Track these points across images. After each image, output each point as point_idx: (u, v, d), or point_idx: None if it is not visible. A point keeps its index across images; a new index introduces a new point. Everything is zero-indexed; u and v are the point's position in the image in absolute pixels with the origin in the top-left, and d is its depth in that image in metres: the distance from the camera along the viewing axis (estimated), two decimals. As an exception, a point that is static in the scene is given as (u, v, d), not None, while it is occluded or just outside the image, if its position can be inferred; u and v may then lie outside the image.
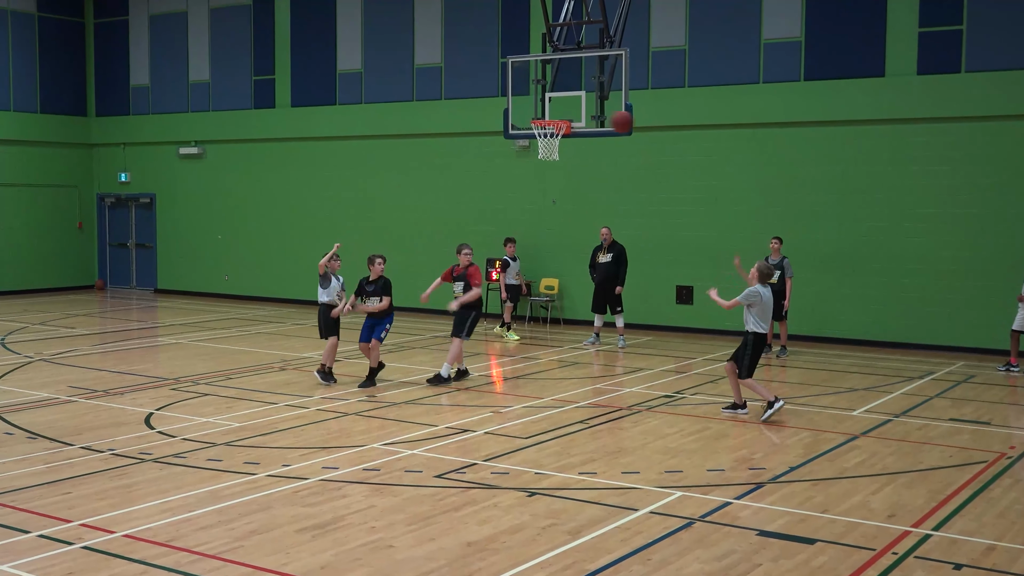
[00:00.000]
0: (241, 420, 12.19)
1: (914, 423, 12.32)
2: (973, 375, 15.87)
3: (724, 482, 9.68)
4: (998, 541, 8.00)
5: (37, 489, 9.21)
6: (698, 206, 20.19)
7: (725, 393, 14.16)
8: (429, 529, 8.17)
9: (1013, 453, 10.88)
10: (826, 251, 18.84)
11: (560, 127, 15.90)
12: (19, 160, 27.51)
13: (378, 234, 23.81)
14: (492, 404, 13.46)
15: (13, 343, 18.62)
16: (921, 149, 18.22)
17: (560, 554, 7.59)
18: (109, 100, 28.95)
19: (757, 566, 7.39)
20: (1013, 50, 17.44)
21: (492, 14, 22.40)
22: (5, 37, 27.12)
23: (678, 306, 20.50)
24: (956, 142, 17.94)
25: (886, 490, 9.43)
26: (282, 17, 25.49)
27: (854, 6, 18.69)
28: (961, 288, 17.86)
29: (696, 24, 20.17)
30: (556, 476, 9.83)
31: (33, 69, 27.83)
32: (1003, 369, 16.15)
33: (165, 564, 7.32)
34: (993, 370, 16.19)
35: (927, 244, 18.11)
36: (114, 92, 28.81)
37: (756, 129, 19.65)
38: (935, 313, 17.87)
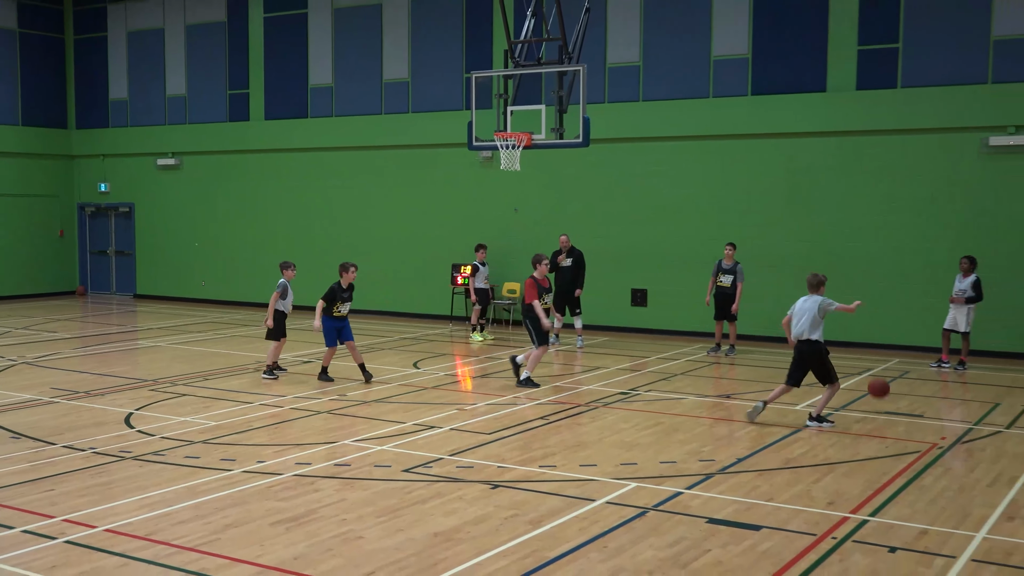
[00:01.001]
0: (217, 419, 12.15)
1: (853, 416, 12.47)
2: (907, 371, 16.07)
3: (676, 473, 9.77)
4: (930, 526, 8.13)
5: (20, 487, 9.14)
6: (652, 214, 20.30)
7: (677, 389, 14.29)
8: (397, 521, 8.19)
9: (944, 444, 11.05)
10: (773, 255, 19.00)
11: (521, 139, 15.98)
12: (1, 171, 27.19)
13: (348, 242, 23.78)
14: (457, 402, 13.50)
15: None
16: (860, 160, 18.43)
17: (522, 543, 7.65)
18: (89, 113, 28.71)
19: (707, 551, 7.48)
20: (945, 67, 17.68)
21: (457, 31, 22.43)
22: (-12, 53, 26.91)
23: (633, 308, 20.61)
24: (892, 153, 18.16)
25: (826, 479, 9.55)
26: (255, 33, 25.39)
27: (798, 25, 18.88)
28: (897, 290, 18.09)
29: (649, 41, 20.29)
30: (518, 469, 9.89)
31: (15, 83, 27.57)
32: (935, 366, 16.39)
33: (145, 557, 7.30)
34: (926, 366, 16.42)
35: (867, 249, 18.33)
36: (94, 105, 28.58)
37: (706, 141, 19.79)
38: (873, 313, 18.04)
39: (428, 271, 22.90)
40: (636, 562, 7.26)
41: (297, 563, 7.21)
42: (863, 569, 7.14)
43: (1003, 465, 10.13)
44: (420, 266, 23.06)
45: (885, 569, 7.15)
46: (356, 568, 7.12)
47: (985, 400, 13.69)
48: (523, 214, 21.76)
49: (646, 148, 20.36)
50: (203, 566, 7.12)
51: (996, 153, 17.33)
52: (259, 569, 7.09)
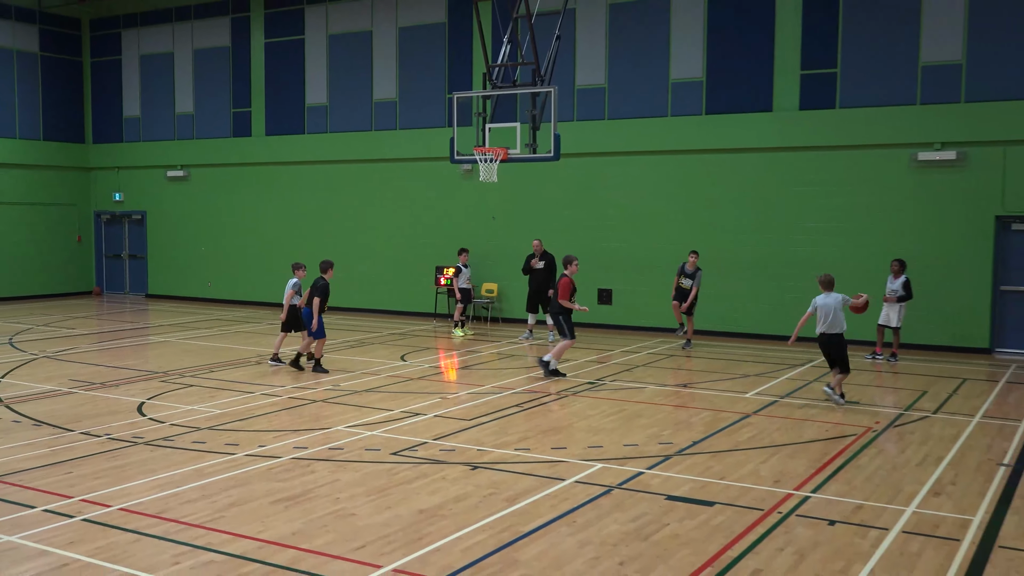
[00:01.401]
0: (222, 407, 12.08)
1: (796, 403, 12.54)
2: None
3: (638, 455, 9.79)
4: (865, 501, 8.18)
5: (41, 470, 9.07)
6: (617, 221, 20.34)
7: (639, 379, 14.32)
8: (386, 499, 8.17)
9: (878, 427, 11.13)
10: (724, 259, 19.07)
11: (498, 153, 15.97)
12: (25, 182, 27.04)
13: (342, 246, 23.70)
14: (440, 391, 13.48)
15: (20, 342, 18.25)
16: (803, 173, 18.53)
17: (499, 519, 7.64)
18: (104, 129, 28.49)
19: (665, 525, 7.50)
20: (878, 90, 17.80)
21: (440, 55, 22.40)
22: (11, 73, 26.67)
23: (600, 306, 20.63)
24: (832, 167, 18.27)
25: (773, 460, 9.60)
26: (257, 57, 25.26)
27: (747, 52, 18.95)
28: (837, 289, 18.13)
29: (614, 66, 20.33)
30: (495, 452, 9.88)
31: (37, 102, 27.36)
32: (869, 358, 16.49)
33: (155, 533, 7.25)
34: (862, 358, 16.51)
35: (810, 253, 18.41)
36: (109, 122, 28.36)
37: (665, 156, 19.83)
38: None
39: (414, 273, 22.85)
40: (602, 535, 7.27)
41: (295, 538, 7.18)
42: (806, 540, 7.18)
43: (930, 447, 10.21)
44: (406, 268, 23.01)
45: (825, 540, 7.19)
46: (348, 542, 7.10)
47: (914, 388, 13.79)
48: (500, 221, 21.75)
49: (611, 162, 20.39)
50: (209, 541, 7.08)
51: (924, 167, 17.46)
52: (260, 544, 7.05)
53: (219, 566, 6.61)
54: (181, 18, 26.58)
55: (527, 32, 15.99)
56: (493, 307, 21.92)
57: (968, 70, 17.10)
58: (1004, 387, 13.95)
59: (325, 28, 24.03)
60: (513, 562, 6.71)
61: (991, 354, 17.10)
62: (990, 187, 16.96)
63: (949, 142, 17.22)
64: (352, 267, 23.54)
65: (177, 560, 6.71)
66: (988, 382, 14.36)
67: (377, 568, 6.59)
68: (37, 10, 27.15)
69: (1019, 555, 6.93)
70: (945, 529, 7.46)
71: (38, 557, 6.76)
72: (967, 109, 17.08)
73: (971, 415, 11.86)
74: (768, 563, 6.72)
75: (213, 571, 6.51)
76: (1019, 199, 16.79)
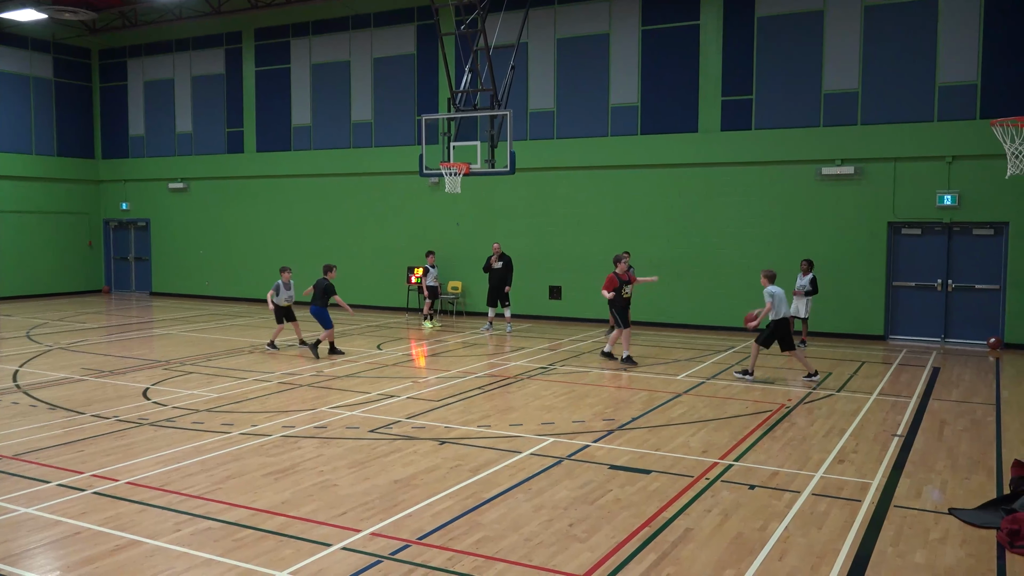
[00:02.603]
0: (218, 392, 11.88)
1: (720, 384, 12.62)
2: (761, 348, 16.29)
3: (585, 430, 9.79)
4: (780, 468, 8.24)
5: (56, 448, 8.84)
6: (565, 227, 20.35)
7: (585, 364, 14.32)
8: (365, 471, 8.07)
9: (790, 404, 11.24)
10: (659, 259, 19.17)
11: (461, 168, 15.92)
12: (41, 193, 26.46)
13: (324, 249, 23.47)
14: (412, 376, 13.38)
15: (36, 335, 17.82)
16: (724, 185, 18.67)
17: (464, 487, 7.58)
18: (112, 146, 27.92)
19: (609, 491, 7.49)
20: (788, 114, 17.99)
21: (410, 82, 22.24)
22: (28, 97, 26.06)
23: (550, 301, 20.64)
24: (749, 180, 18.44)
25: (700, 433, 9.64)
26: (248, 83, 24.90)
27: (676, 81, 19.04)
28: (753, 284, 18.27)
29: (562, 92, 20.32)
30: (460, 429, 9.82)
31: (51, 122, 26.77)
32: (783, 344, 16.66)
33: (160, 504, 7.10)
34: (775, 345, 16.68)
35: (730, 254, 18.58)
36: (116, 140, 27.81)
37: (606, 170, 19.88)
38: (735, 303, 18.32)
39: (387, 272, 22.69)
40: (554, 500, 7.24)
41: (284, 506, 7.06)
42: (730, 502, 7.21)
43: (835, 420, 10.33)
44: (381, 268, 22.84)
45: (747, 502, 7.22)
46: (332, 509, 7.00)
47: (821, 370, 13.94)
48: (463, 227, 21.66)
49: (559, 176, 20.40)
50: (208, 510, 6.94)
51: (826, 180, 17.67)
52: (253, 512, 6.92)
53: (216, 532, 6.48)
54: (181, 48, 26.11)
55: (486, 63, 15.94)
56: (458, 302, 21.83)
57: (863, 97, 17.33)
58: (897, 368, 14.17)
59: (309, 58, 23.74)
60: (477, 525, 6.65)
61: (886, 341, 17.36)
62: (883, 197, 17.21)
63: (848, 159, 17.45)
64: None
65: (179, 527, 6.56)
66: (883, 364, 14.57)
67: (357, 532, 6.50)
68: (51, 41, 26.56)
69: (911, 513, 7.02)
70: (848, 491, 7.53)
71: (53, 526, 6.58)
72: (863, 130, 17.31)
73: (869, 393, 12.02)
74: (697, 522, 6.73)
75: (211, 537, 6.38)
76: (908, 207, 17.06)
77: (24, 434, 9.47)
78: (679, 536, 6.45)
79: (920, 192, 16.90)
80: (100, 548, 6.17)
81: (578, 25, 20.03)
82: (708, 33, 18.66)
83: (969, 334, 16.82)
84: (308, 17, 23.49)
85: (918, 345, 16.86)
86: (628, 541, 6.35)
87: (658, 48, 19.22)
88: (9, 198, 25.63)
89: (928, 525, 6.73)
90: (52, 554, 6.11)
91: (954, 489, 7.64)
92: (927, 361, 14.92)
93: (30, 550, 6.16)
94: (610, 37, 19.69)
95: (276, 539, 6.35)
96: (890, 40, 17.07)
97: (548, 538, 6.40)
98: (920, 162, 16.88)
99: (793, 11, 17.88)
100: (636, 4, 19.37)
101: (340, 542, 6.29)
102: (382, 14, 22.51)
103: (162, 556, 6.03)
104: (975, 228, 16.74)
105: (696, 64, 18.80)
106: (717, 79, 18.61)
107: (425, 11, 21.45)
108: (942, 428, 9.96)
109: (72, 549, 6.17)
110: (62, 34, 26.41)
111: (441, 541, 6.31)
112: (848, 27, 17.38)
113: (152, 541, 6.29)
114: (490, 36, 16.43)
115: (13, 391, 11.94)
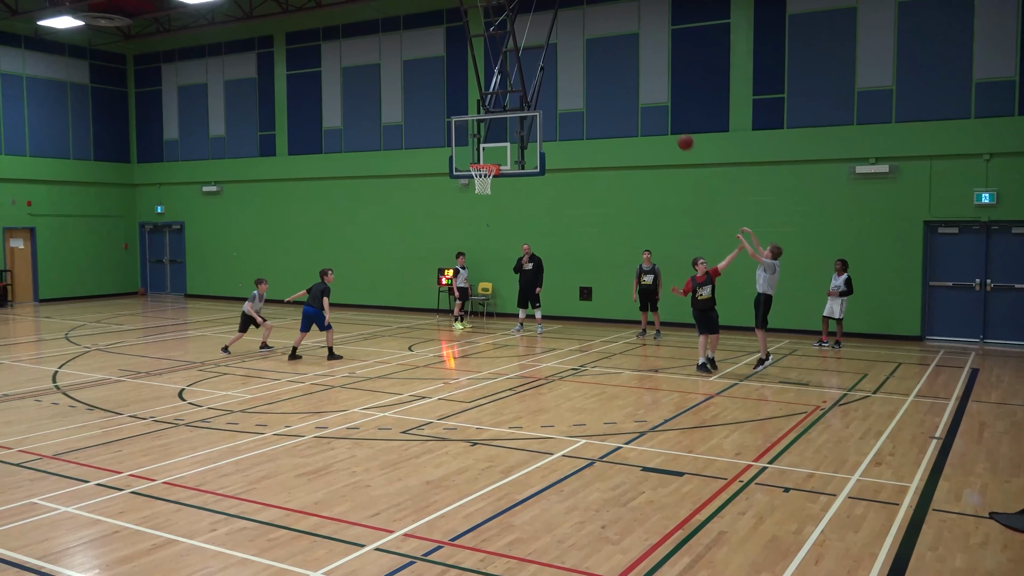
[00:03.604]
0: (252, 392, 11.99)
1: (753, 385, 12.51)
2: (796, 349, 16.17)
3: (617, 432, 9.74)
4: (815, 470, 8.14)
5: (94, 448, 8.97)
6: (594, 227, 20.29)
7: (617, 366, 14.26)
8: (397, 472, 8.10)
9: (825, 406, 11.11)
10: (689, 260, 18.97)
11: (491, 169, 15.92)
12: (78, 197, 26.90)
13: (355, 251, 23.63)
14: (443, 377, 13.41)
15: (75, 336, 18.11)
16: (754, 184, 18.51)
17: (496, 488, 7.58)
18: (147, 150, 28.31)
19: (641, 493, 7.44)
20: (820, 112, 17.79)
21: (440, 85, 22.30)
22: (66, 103, 26.51)
23: (581, 302, 20.59)
24: (781, 179, 18.25)
25: (734, 435, 9.56)
26: (280, 87, 25.13)
27: (706, 79, 18.91)
28: (785, 285, 18.14)
29: (591, 93, 20.27)
30: (492, 430, 9.81)
31: (88, 127, 27.19)
32: (816, 345, 16.48)
33: (195, 503, 7.17)
34: (809, 345, 16.53)
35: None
36: (151, 144, 28.19)
37: (635, 171, 19.79)
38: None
39: (418, 273, 22.76)
40: (586, 502, 7.21)
41: (317, 507, 7.10)
42: (764, 505, 7.13)
43: (871, 422, 10.19)
44: (411, 269, 22.92)
45: (781, 505, 7.14)
46: (365, 510, 7.02)
47: (856, 372, 13.77)
48: (493, 228, 21.67)
49: (589, 176, 20.34)
50: (242, 510, 7.00)
51: (860, 179, 17.45)
52: (287, 512, 6.97)
53: (251, 532, 6.53)
54: (214, 53, 26.41)
55: (515, 64, 15.95)
56: (488, 303, 21.85)
57: (898, 94, 17.09)
58: (934, 370, 13.95)
59: (339, 61, 23.90)
60: (509, 526, 6.64)
61: (922, 341, 17.10)
62: (919, 196, 16.96)
63: (882, 157, 17.21)
64: (364, 268, 23.46)
65: (214, 527, 6.62)
66: (920, 366, 14.35)
67: (390, 533, 6.51)
68: (88, 47, 26.99)
69: (950, 517, 6.90)
70: (885, 495, 7.42)
71: (92, 525, 6.68)
72: (898, 128, 17.07)
73: (906, 394, 11.84)
74: (731, 525, 6.66)
75: (246, 537, 6.43)
76: (945, 206, 16.79)
77: (63, 434, 9.62)
78: (713, 539, 6.39)
79: (957, 190, 16.63)
80: (137, 547, 6.24)
81: (607, 25, 19.97)
82: (739, 32, 18.51)
83: (1009, 334, 16.51)
84: (338, 20, 23.65)
85: (956, 346, 16.58)
86: (661, 544, 6.30)
87: (688, 47, 19.10)
88: (48, 202, 26.08)
89: (968, 529, 6.61)
90: (91, 552, 6.19)
91: (994, 493, 7.50)
92: (965, 362, 14.67)
93: (69, 548, 6.26)
94: (639, 37, 19.60)
95: (309, 539, 6.39)
96: (925, 36, 16.82)
97: (580, 540, 6.38)
98: (957, 160, 16.60)
99: (825, 8, 17.67)
100: (666, 3, 19.27)
101: (373, 543, 6.31)
102: (411, 16, 22.61)
103: (198, 555, 6.09)
104: (1014, 227, 16.43)
105: (727, 63, 18.65)
106: (748, 78, 18.45)
107: (454, 13, 21.51)
108: (982, 430, 9.78)
109: (110, 548, 6.25)
110: (98, 40, 26.83)
111: (473, 543, 6.31)
112: (882, 23, 17.15)
113: (188, 540, 6.35)
114: (519, 37, 16.42)
115: (53, 392, 12.13)
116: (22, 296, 25.86)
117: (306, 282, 20.40)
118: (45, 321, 21.22)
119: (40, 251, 26.04)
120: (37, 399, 11.61)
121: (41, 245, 26.04)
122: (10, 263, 25.50)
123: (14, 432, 9.74)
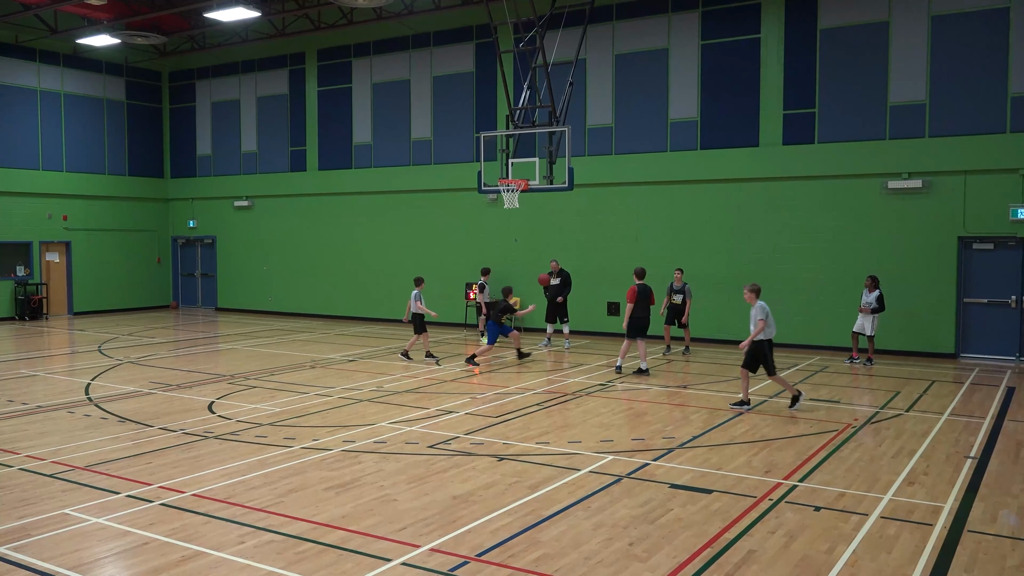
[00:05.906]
0: (281, 406, 12.07)
1: (783, 402, 12.35)
2: (826, 366, 15.98)
3: (645, 448, 9.68)
4: (847, 489, 8.03)
5: (125, 460, 9.08)
6: (622, 242, 20.23)
7: (645, 381, 14.18)
8: (424, 486, 8.10)
9: (856, 424, 10.97)
10: (718, 275, 18.94)
11: (520, 184, 15.95)
12: (113, 211, 27.34)
13: (384, 265, 23.75)
14: (470, 392, 13.41)
15: (108, 349, 18.35)
16: (785, 199, 18.37)
17: (523, 504, 7.56)
18: (181, 165, 28.73)
19: (670, 510, 7.38)
20: (852, 127, 17.64)
21: (468, 100, 22.43)
22: (102, 119, 26.99)
23: (609, 317, 20.53)
24: (810, 194, 18.11)
25: (764, 452, 9.46)
26: (311, 103, 25.40)
27: (736, 93, 18.84)
28: (816, 301, 18.01)
29: (620, 108, 20.27)
30: (519, 445, 9.79)
31: (123, 143, 27.66)
32: (847, 362, 16.28)
33: (224, 516, 7.22)
34: (840, 362, 16.33)
35: (791, 269, 18.26)
36: (184, 159, 28.60)
37: (665, 186, 19.74)
38: (798, 319, 18.01)
39: (446, 288, 22.81)
40: (614, 519, 7.16)
41: (344, 520, 7.12)
42: (794, 524, 7.04)
43: (904, 441, 10.04)
44: (440, 284, 22.96)
45: (812, 524, 7.05)
46: (391, 524, 7.03)
47: (888, 389, 13.59)
48: (522, 243, 21.70)
49: (618, 191, 20.31)
50: (270, 523, 7.03)
51: (893, 194, 17.27)
52: (314, 525, 6.99)
53: (278, 545, 6.56)
54: (247, 70, 26.78)
55: (544, 79, 15.99)
56: (515, 318, 21.82)
57: (931, 108, 16.91)
58: (969, 388, 13.72)
59: (370, 77, 24.13)
60: (536, 542, 6.61)
61: (956, 359, 16.83)
62: (952, 211, 16.74)
63: (915, 172, 17.02)
64: (392, 283, 23.55)
65: (242, 540, 6.66)
66: (954, 383, 14.12)
67: (416, 547, 6.51)
68: (124, 64, 27.48)
69: (986, 538, 6.76)
70: (919, 515, 7.30)
71: (122, 536, 6.74)
72: (931, 143, 16.88)
73: (940, 413, 11.65)
74: (761, 544, 6.58)
75: (273, 549, 6.46)
76: (978, 221, 16.55)
77: (95, 446, 9.74)
78: (742, 557, 6.31)
79: (992, 206, 16.38)
80: (167, 559, 6.29)
81: (636, 40, 19.98)
82: (769, 46, 18.44)
83: (1046, 352, 16.21)
84: (369, 37, 23.89)
85: (991, 364, 16.30)
86: (690, 562, 6.24)
87: (718, 62, 19.05)
88: (83, 217, 26.52)
89: (1005, 551, 6.48)
90: (121, 563, 6.25)
91: (1032, 514, 7.35)
92: (1001, 380, 14.41)
93: (100, 559, 6.32)
94: (669, 52, 19.59)
95: (336, 553, 6.40)
96: (958, 49, 16.64)
97: (608, 557, 6.33)
98: (992, 175, 16.37)
99: (857, 22, 17.56)
100: (695, 19, 19.26)
101: (399, 557, 6.31)
102: (441, 33, 22.79)
103: (226, 567, 6.13)
104: (1051, 243, 16.17)
105: (757, 78, 18.58)
106: (779, 92, 18.35)
107: (484, 29, 21.65)
108: (1018, 450, 9.60)
109: (140, 559, 6.31)
110: (134, 58, 27.32)
111: (500, 558, 6.29)
112: (914, 38, 17.00)
113: (216, 552, 6.40)
114: (548, 53, 16.48)
115: (85, 404, 12.30)
116: (57, 309, 26.29)
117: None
118: (79, 334, 21.54)
119: (75, 265, 26.47)
120: (70, 411, 11.78)
121: (76, 259, 26.48)
122: (46, 276, 25.96)
123: (48, 443, 9.88)
